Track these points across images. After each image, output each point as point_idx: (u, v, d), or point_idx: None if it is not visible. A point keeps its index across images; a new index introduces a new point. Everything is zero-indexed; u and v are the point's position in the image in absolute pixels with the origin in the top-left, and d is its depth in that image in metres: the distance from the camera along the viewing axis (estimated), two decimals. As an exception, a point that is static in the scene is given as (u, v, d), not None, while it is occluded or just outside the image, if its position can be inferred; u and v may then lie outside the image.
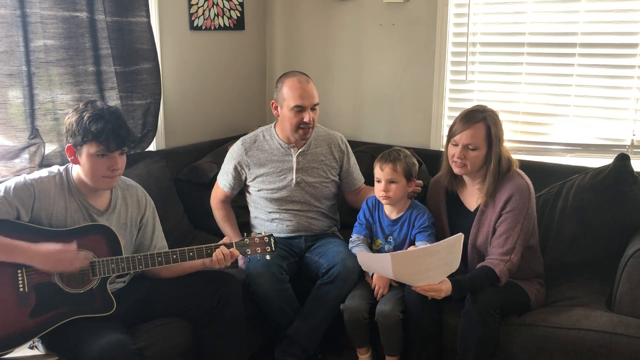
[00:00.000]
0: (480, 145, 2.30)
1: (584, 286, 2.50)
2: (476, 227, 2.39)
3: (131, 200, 2.27)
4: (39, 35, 2.54)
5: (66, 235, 2.05)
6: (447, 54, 3.20)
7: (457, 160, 2.33)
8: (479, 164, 2.34)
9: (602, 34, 2.81)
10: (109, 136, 2.03)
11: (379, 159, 2.51)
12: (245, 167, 2.74)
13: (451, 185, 2.48)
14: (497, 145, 2.30)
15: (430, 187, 2.62)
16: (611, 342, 2.09)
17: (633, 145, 2.83)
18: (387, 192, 2.48)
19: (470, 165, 2.33)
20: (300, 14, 3.67)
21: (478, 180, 2.40)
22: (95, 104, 2.10)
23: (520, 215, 2.30)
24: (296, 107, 2.58)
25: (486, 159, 2.33)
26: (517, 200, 2.30)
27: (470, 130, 2.29)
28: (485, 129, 2.30)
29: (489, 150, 2.32)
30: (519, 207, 2.29)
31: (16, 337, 1.98)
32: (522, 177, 2.36)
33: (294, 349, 2.54)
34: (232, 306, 2.28)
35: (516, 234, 2.29)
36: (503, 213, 2.31)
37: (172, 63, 3.26)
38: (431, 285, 2.18)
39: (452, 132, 2.35)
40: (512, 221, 2.29)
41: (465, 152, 2.31)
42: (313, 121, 2.62)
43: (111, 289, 2.12)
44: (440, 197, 2.54)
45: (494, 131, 2.29)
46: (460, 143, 2.31)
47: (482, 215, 2.38)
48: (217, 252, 2.21)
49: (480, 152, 2.31)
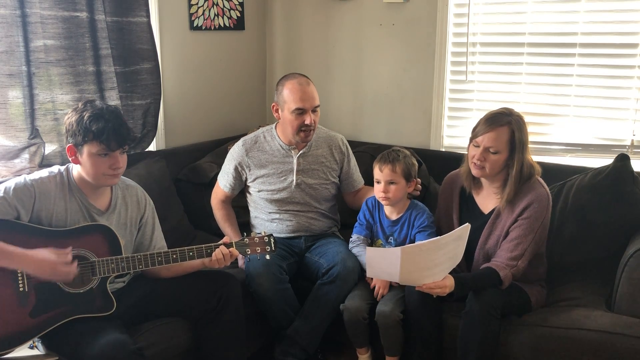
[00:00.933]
0: (502, 149, 2.26)
1: (584, 286, 2.51)
2: (488, 230, 2.37)
3: (131, 200, 2.27)
4: (39, 35, 2.54)
5: (66, 235, 2.05)
6: (447, 54, 3.20)
7: (477, 162, 2.29)
8: (499, 168, 2.29)
9: (602, 34, 2.81)
10: (109, 135, 2.02)
11: (378, 160, 2.50)
12: (245, 167, 2.74)
13: (469, 186, 2.44)
14: (521, 150, 2.26)
15: (445, 184, 2.58)
16: (611, 342, 2.10)
17: (633, 145, 2.83)
18: (386, 193, 2.47)
19: (489, 169, 2.29)
20: (300, 14, 3.67)
21: (496, 185, 2.37)
22: (95, 104, 2.10)
23: (536, 224, 2.28)
24: (297, 110, 2.57)
25: (506, 163, 2.29)
26: (535, 209, 2.27)
27: (493, 133, 2.25)
28: (509, 133, 2.25)
29: (510, 155, 2.27)
30: (536, 216, 2.27)
31: (16, 336, 1.97)
32: (543, 186, 2.33)
33: (294, 349, 2.54)
34: (232, 306, 2.27)
35: (528, 241, 2.27)
36: (519, 219, 2.28)
37: (172, 63, 3.26)
38: (436, 282, 2.17)
39: (475, 133, 2.31)
40: (527, 228, 2.27)
41: (485, 155, 2.27)
42: (314, 123, 2.61)
43: (111, 288, 2.12)
44: (454, 196, 2.51)
45: (517, 136, 2.25)
46: (481, 145, 2.27)
47: (496, 219, 2.35)
48: (217, 251, 2.21)
49: (501, 156, 2.27)
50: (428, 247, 2.14)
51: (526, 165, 2.29)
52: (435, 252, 2.13)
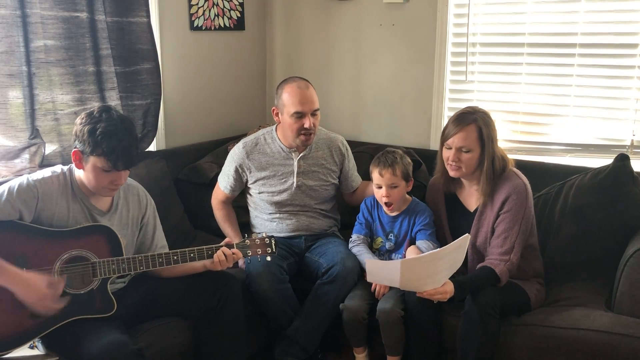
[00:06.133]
0: (473, 147, 2.30)
1: (584, 286, 2.51)
2: (476, 228, 2.39)
3: (132, 200, 2.27)
4: (39, 36, 2.54)
5: (66, 235, 2.05)
6: (447, 54, 3.20)
7: (452, 164, 2.34)
8: (474, 165, 2.34)
9: (602, 34, 2.81)
10: (118, 156, 2.01)
11: (377, 165, 2.50)
12: (246, 169, 2.74)
13: (448, 187, 2.49)
14: (490, 145, 2.31)
15: (429, 190, 2.63)
16: (611, 342, 2.10)
17: (633, 145, 2.83)
18: (389, 198, 2.47)
19: (465, 168, 2.33)
20: (300, 14, 3.67)
21: (475, 182, 2.41)
22: (111, 114, 2.05)
23: (518, 215, 2.30)
24: (296, 114, 2.57)
25: (480, 160, 2.33)
26: (514, 201, 2.30)
27: (462, 132, 2.29)
28: (477, 130, 2.30)
29: (482, 151, 2.32)
30: (517, 207, 2.30)
31: (16, 337, 1.97)
32: (518, 176, 2.36)
33: (293, 348, 2.54)
34: (232, 306, 2.28)
35: (515, 233, 2.29)
36: (501, 213, 2.32)
37: (173, 63, 3.26)
38: (436, 289, 2.18)
39: (445, 135, 2.36)
40: (510, 221, 2.30)
41: (459, 155, 2.31)
42: (314, 127, 2.62)
43: (111, 289, 2.12)
44: (439, 199, 2.54)
45: (485, 132, 2.30)
46: (453, 146, 2.31)
47: (481, 216, 2.39)
48: (219, 253, 2.21)
49: (474, 153, 2.31)
50: (428, 259, 2.16)
51: (497, 159, 2.33)
52: (435, 263, 2.15)
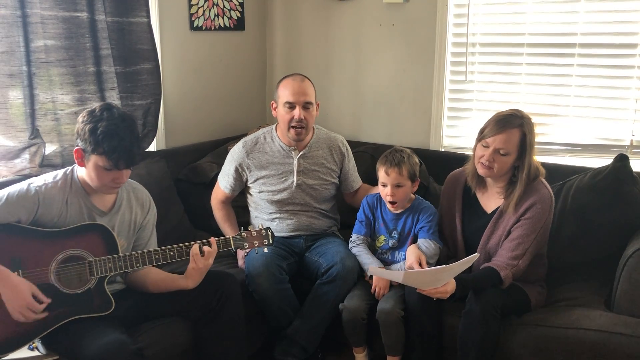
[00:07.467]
0: (512, 151, 2.26)
1: (583, 286, 2.51)
2: (490, 229, 2.37)
3: (136, 202, 2.27)
4: (39, 36, 2.54)
5: (62, 235, 2.05)
6: (447, 54, 3.20)
7: (485, 163, 2.28)
8: (507, 169, 2.30)
9: (602, 34, 2.81)
10: (120, 155, 2.00)
11: (384, 163, 2.47)
12: (246, 169, 2.74)
13: (474, 185, 2.44)
14: (530, 152, 2.27)
15: (447, 183, 2.58)
16: (611, 342, 2.10)
17: (632, 145, 2.83)
18: (394, 197, 2.47)
19: (497, 169, 2.29)
20: (300, 14, 3.68)
21: (500, 185, 2.37)
22: (112, 112, 2.04)
23: (538, 225, 2.28)
24: (287, 104, 2.60)
25: (514, 164, 2.30)
26: (538, 210, 2.28)
27: (505, 135, 2.24)
28: (521, 135, 2.25)
29: (518, 157, 2.28)
30: (538, 216, 2.28)
31: (15, 339, 1.97)
32: (546, 187, 2.34)
33: (293, 348, 2.54)
34: (231, 306, 2.27)
35: (529, 241, 2.27)
36: (522, 219, 2.29)
37: (173, 63, 3.26)
38: (437, 289, 2.18)
39: (484, 134, 2.30)
40: (529, 228, 2.27)
41: (495, 156, 2.26)
42: (306, 121, 2.62)
43: (111, 289, 2.12)
44: (457, 194, 2.51)
45: (529, 139, 2.25)
46: (491, 146, 2.26)
47: (499, 218, 2.36)
48: (194, 247, 2.18)
49: (510, 157, 2.27)
50: (432, 272, 2.17)
51: (533, 167, 2.31)
52: (438, 274, 2.15)
